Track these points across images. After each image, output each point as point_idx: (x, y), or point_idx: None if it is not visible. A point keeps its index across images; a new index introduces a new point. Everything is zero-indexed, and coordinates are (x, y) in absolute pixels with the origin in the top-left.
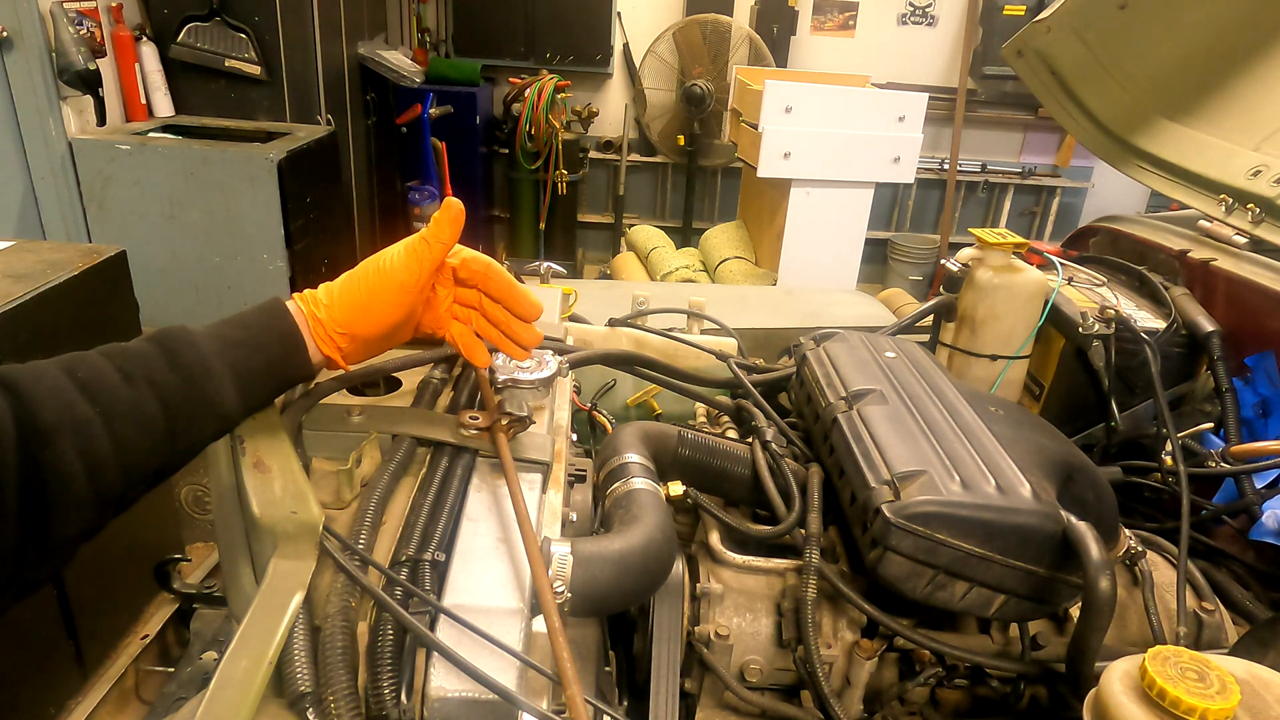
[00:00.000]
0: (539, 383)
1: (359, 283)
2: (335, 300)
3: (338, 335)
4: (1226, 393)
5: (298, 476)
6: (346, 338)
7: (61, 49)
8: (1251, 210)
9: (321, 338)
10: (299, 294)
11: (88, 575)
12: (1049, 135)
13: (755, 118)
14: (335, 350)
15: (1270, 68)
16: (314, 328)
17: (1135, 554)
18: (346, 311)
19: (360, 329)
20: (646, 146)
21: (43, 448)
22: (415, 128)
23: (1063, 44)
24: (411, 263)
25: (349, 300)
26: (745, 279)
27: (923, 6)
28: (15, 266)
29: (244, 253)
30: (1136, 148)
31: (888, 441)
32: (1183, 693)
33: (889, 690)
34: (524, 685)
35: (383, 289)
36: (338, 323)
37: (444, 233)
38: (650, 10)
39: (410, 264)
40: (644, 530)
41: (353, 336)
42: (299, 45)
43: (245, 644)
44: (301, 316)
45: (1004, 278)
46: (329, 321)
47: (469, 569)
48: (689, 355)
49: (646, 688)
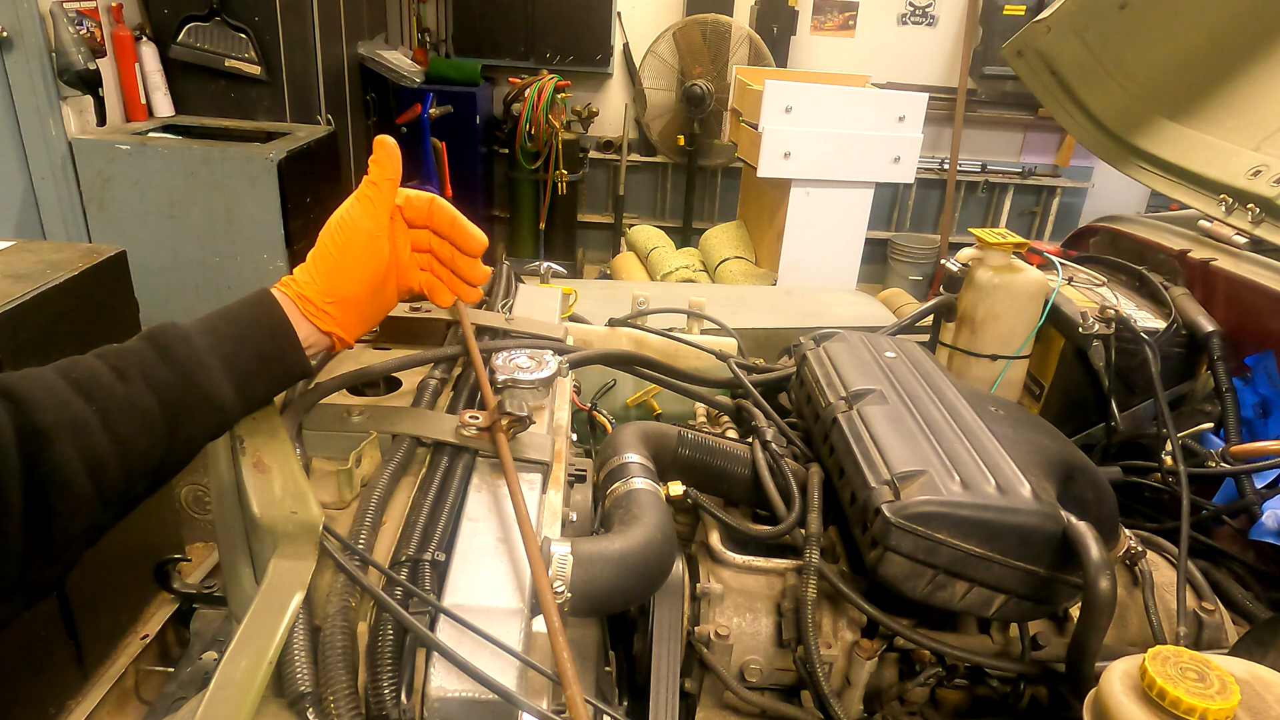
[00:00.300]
0: (539, 383)
1: (327, 247)
2: (313, 273)
3: (328, 306)
4: (1226, 393)
5: (298, 476)
6: (336, 305)
7: (61, 49)
8: (1251, 210)
9: (313, 314)
10: (279, 283)
11: (88, 575)
12: (1049, 135)
13: (755, 118)
14: (331, 322)
15: (1270, 67)
16: (303, 307)
17: (1135, 554)
18: (326, 278)
19: (345, 289)
20: (646, 146)
21: (42, 448)
22: (415, 128)
23: (1063, 44)
24: (368, 207)
25: (325, 266)
26: (745, 279)
27: (923, 6)
28: (15, 266)
29: (244, 253)
30: (1136, 148)
31: (888, 441)
32: (1183, 693)
33: (889, 690)
34: (524, 685)
35: (351, 243)
36: (322, 293)
37: (386, 170)
38: (650, 10)
39: (368, 209)
40: (644, 530)
41: (341, 301)
42: (299, 45)
43: (245, 644)
44: (288, 301)
45: (1004, 278)
46: (315, 296)
47: (469, 569)
48: (689, 355)
49: (646, 688)
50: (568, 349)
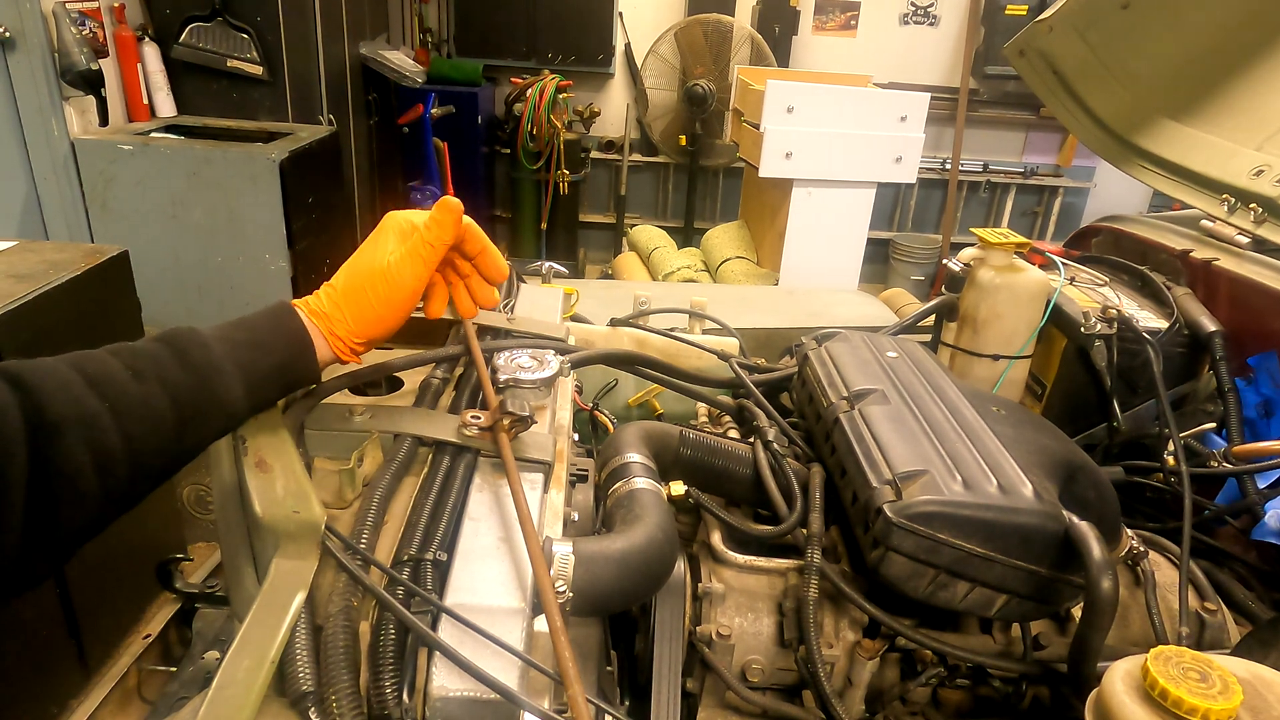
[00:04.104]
0: (541, 382)
1: (369, 297)
2: (345, 312)
3: (358, 345)
4: (1229, 392)
5: (300, 476)
6: (365, 345)
7: (64, 49)
8: (1254, 210)
9: (341, 350)
10: (302, 302)
11: (90, 575)
12: (1051, 135)
13: (757, 117)
14: (354, 357)
15: (1272, 67)
16: (332, 343)
17: (1137, 554)
18: (363, 325)
19: (378, 334)
20: (648, 146)
21: (50, 441)
22: (417, 128)
23: (1065, 43)
24: (419, 269)
25: (364, 316)
26: (747, 279)
27: (924, 6)
28: (18, 267)
29: (246, 253)
30: (1138, 147)
31: (889, 441)
32: (1185, 693)
33: (891, 690)
34: (526, 685)
35: (394, 299)
36: (353, 333)
37: (446, 235)
38: (652, 10)
39: (418, 270)
40: (646, 530)
41: (372, 343)
42: (301, 45)
43: (247, 643)
44: (311, 324)
45: (1006, 278)
46: (346, 335)
47: (471, 568)
48: (691, 355)
49: (648, 688)
50: (569, 349)
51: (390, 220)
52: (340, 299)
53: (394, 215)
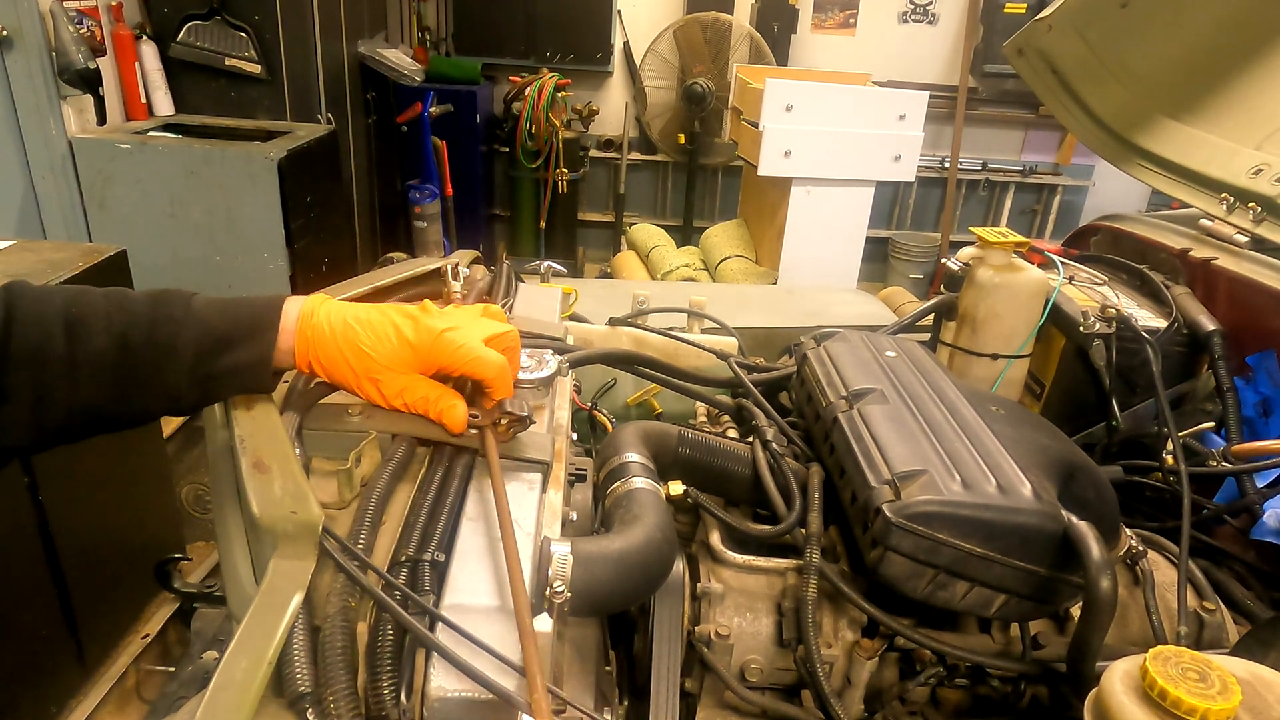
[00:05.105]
0: (539, 382)
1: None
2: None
3: (363, 384)
4: (1228, 392)
5: (297, 476)
6: (324, 374)
7: (62, 48)
8: (1253, 209)
9: (352, 386)
10: (309, 310)
11: (89, 575)
12: (1050, 133)
13: (756, 116)
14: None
15: (1271, 66)
16: (339, 373)
17: (1136, 553)
18: (389, 378)
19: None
20: (647, 145)
21: (3, 372)
22: (416, 126)
23: (1064, 42)
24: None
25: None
26: (746, 278)
27: (923, 4)
28: (16, 266)
29: (244, 252)
30: (1137, 146)
31: (888, 441)
32: (1184, 693)
33: (890, 690)
34: (524, 685)
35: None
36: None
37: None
38: (650, 8)
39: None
40: (644, 530)
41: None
42: (299, 44)
43: (245, 644)
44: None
45: (1005, 276)
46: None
47: (468, 569)
48: (689, 354)
49: (647, 688)
50: (568, 348)
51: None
52: (373, 344)
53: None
